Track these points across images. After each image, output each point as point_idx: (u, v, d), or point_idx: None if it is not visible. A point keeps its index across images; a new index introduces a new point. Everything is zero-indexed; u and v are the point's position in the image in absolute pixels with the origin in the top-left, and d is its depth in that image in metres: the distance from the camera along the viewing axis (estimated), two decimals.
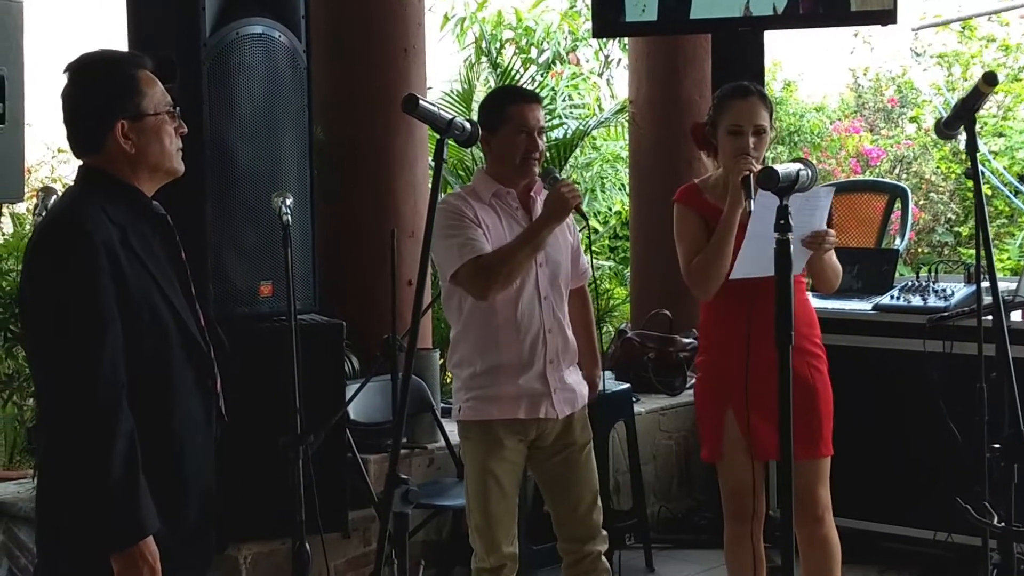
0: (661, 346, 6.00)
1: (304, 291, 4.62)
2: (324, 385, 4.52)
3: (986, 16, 10.12)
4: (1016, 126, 9.67)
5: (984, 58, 10.20)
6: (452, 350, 3.75)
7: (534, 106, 3.68)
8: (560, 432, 3.72)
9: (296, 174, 4.55)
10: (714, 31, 5.48)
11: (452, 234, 3.57)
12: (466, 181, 7.02)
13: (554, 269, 3.68)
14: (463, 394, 3.69)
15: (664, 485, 5.86)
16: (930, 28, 10.32)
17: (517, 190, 3.69)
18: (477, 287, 3.56)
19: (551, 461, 3.73)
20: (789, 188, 2.55)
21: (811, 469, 3.78)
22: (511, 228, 3.62)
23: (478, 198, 3.66)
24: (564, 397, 3.69)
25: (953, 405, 4.32)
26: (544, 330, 3.64)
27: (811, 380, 3.77)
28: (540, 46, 9.41)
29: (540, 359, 3.63)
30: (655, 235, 6.06)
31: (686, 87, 6.25)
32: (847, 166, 9.98)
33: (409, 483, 2.48)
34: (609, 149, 9.27)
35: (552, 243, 3.65)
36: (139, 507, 2.46)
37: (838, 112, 10.57)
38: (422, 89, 5.46)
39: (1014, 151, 9.43)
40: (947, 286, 5.11)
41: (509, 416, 3.63)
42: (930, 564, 4.98)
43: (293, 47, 4.49)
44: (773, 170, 2.55)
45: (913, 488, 4.88)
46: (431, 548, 5.09)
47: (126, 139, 2.58)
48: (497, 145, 3.65)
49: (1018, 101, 9.85)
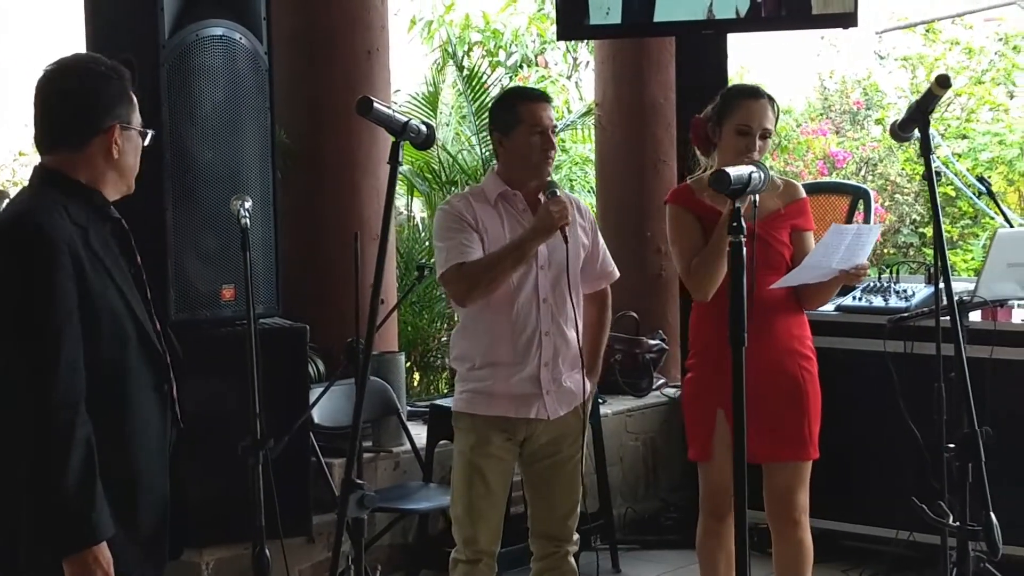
0: (628, 348, 6.02)
1: (267, 295, 4.60)
2: (287, 389, 4.51)
3: (950, 19, 10.19)
4: (979, 128, 9.74)
5: (948, 61, 10.27)
6: (453, 344, 3.80)
7: (545, 105, 3.69)
8: (552, 438, 3.72)
9: (258, 177, 4.53)
10: (678, 34, 5.50)
11: (447, 236, 3.63)
12: (432, 184, 7.03)
13: (557, 272, 3.66)
14: (460, 386, 3.74)
15: (631, 486, 5.87)
16: (895, 31, 10.38)
17: (525, 192, 3.68)
18: (457, 292, 3.63)
19: (539, 464, 3.74)
20: (741, 190, 2.56)
21: (794, 471, 3.82)
22: (513, 230, 3.61)
23: (483, 199, 3.67)
24: (558, 398, 3.69)
25: (914, 405, 4.34)
26: (540, 332, 3.64)
27: (802, 382, 3.81)
28: (508, 49, 9.41)
29: (534, 361, 3.63)
30: (621, 237, 6.08)
31: (651, 90, 6.27)
32: (814, 168, 10.03)
33: (365, 488, 2.47)
34: (578, 152, 9.29)
35: (557, 246, 3.63)
36: (94, 511, 2.45)
37: (805, 115, 10.62)
38: (386, 92, 5.45)
39: (977, 153, 9.50)
40: (908, 287, 5.15)
41: (499, 413, 3.64)
42: (893, 563, 5.00)
43: (254, 49, 4.47)
44: (725, 172, 2.56)
45: (875, 487, 4.91)
46: (397, 552, 5.08)
47: (115, 143, 2.61)
48: (511, 146, 3.66)
49: (981, 104, 9.93)
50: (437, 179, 6.87)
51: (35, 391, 2.43)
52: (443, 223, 3.66)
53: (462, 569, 3.70)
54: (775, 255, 3.78)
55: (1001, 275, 4.35)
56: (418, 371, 6.58)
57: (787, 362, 3.79)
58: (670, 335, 6.13)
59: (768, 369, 3.72)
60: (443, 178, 6.84)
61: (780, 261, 3.80)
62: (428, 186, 6.86)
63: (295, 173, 5.18)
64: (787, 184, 3.93)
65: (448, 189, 6.79)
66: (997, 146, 9.47)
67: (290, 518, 4.28)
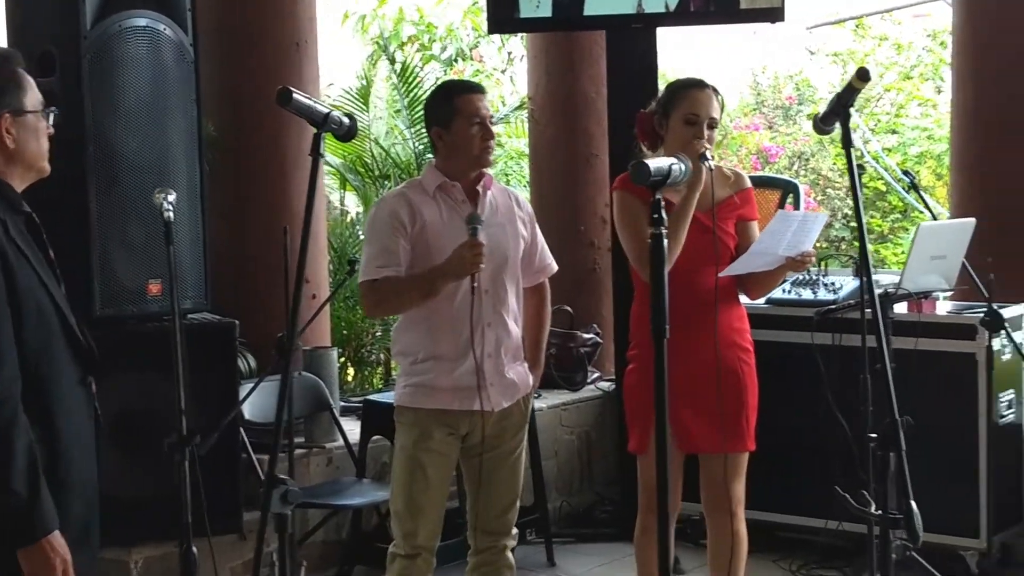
0: (562, 342, 6.01)
1: (195, 289, 4.56)
2: (217, 385, 4.47)
3: (879, 15, 10.31)
4: (908, 123, 9.87)
5: (878, 56, 10.39)
6: (395, 339, 3.78)
7: (481, 96, 3.69)
8: (494, 432, 3.70)
9: (185, 169, 4.49)
10: (608, 28, 5.51)
11: (372, 239, 3.63)
12: (365, 177, 7.00)
13: (499, 264, 3.65)
14: (402, 380, 3.72)
15: (566, 480, 5.88)
16: (825, 27, 10.49)
17: (464, 183, 3.67)
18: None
19: (481, 458, 3.71)
20: (661, 182, 2.56)
21: (731, 463, 3.85)
22: (452, 220, 3.60)
23: (422, 191, 3.66)
24: (501, 390, 3.68)
25: (843, 396, 4.39)
26: (483, 324, 3.63)
27: (741, 375, 3.84)
28: (443, 43, 9.38)
29: (477, 352, 3.61)
30: (555, 231, 6.07)
31: (583, 84, 6.27)
32: (747, 163, 10.11)
33: (288, 484, 2.44)
34: (513, 146, 9.29)
35: (499, 236, 3.64)
36: (41, 501, 2.44)
37: (738, 110, 10.69)
38: (315, 84, 5.41)
39: (906, 147, 9.63)
40: (837, 280, 5.21)
41: (442, 407, 3.62)
42: (823, 552, 5.06)
43: (179, 40, 4.44)
44: (644, 164, 2.56)
45: (807, 478, 4.95)
46: (331, 548, 5.05)
47: (7, 133, 2.55)
48: (451, 139, 3.64)
49: (910, 99, 10.05)
50: (370, 173, 6.84)
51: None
52: (374, 223, 3.66)
53: (400, 564, 3.68)
54: (721, 246, 3.81)
55: (925, 267, 4.41)
56: (352, 366, 6.54)
57: (727, 355, 3.82)
58: (604, 329, 6.14)
59: (707, 360, 3.75)
60: (376, 172, 6.81)
61: (725, 252, 3.83)
62: (361, 180, 6.82)
63: (224, 166, 5.13)
64: (735, 175, 3.97)
65: (381, 183, 6.76)
66: (926, 141, 9.61)
67: (221, 515, 4.26)
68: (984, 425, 4.78)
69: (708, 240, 3.73)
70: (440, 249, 3.58)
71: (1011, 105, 5.27)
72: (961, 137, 5.48)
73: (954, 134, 5.53)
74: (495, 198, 3.73)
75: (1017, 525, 5.09)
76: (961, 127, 5.47)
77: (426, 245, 3.61)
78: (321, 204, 5.63)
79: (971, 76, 5.39)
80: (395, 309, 3.68)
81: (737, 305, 3.91)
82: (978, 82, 5.35)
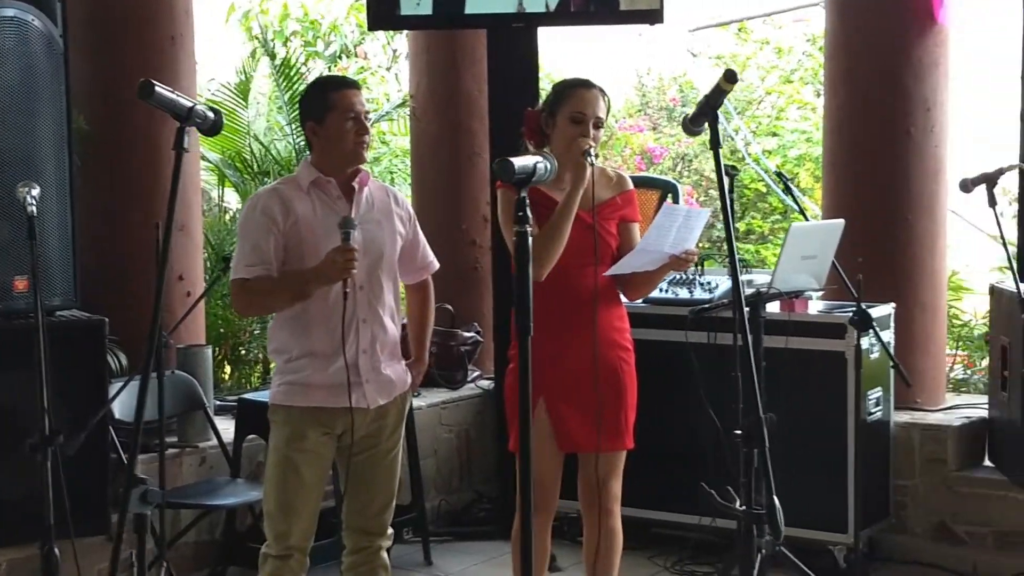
0: (442, 340, 6.01)
1: (64, 286, 4.48)
2: (85, 384, 4.39)
3: (760, 19, 10.49)
4: (788, 126, 10.05)
5: (759, 60, 10.56)
6: (271, 337, 3.73)
7: (356, 91, 3.66)
8: (369, 432, 3.67)
9: (54, 163, 4.41)
10: (489, 26, 5.52)
11: (244, 235, 3.59)
12: (243, 173, 6.91)
13: (374, 260, 3.63)
14: (277, 379, 3.68)
15: (445, 479, 5.88)
16: (708, 29, 10.64)
17: (340, 180, 3.64)
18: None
19: (356, 458, 3.68)
20: (526, 180, 2.57)
21: (610, 461, 3.89)
22: (327, 216, 3.57)
23: (297, 187, 3.62)
24: (377, 387, 3.66)
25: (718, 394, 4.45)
26: (357, 320, 3.60)
27: (621, 374, 3.88)
28: (327, 39, 9.30)
29: (351, 348, 3.58)
30: (437, 230, 6.05)
31: (466, 82, 6.28)
32: (632, 163, 10.21)
33: (148, 483, 2.40)
34: (398, 144, 9.24)
35: (375, 233, 3.63)
36: None
37: (623, 111, 10.79)
38: (191, 79, 5.32)
39: (786, 150, 9.80)
40: (713, 279, 5.29)
41: (317, 404, 3.58)
42: (696, 547, 5.14)
43: (49, 32, 4.35)
44: (509, 162, 2.57)
45: (681, 475, 5.02)
46: (205, 549, 4.98)
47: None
48: (325, 134, 3.61)
49: (790, 102, 10.23)
50: (249, 169, 6.75)
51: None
52: (246, 221, 3.63)
53: (272, 565, 3.64)
54: (603, 245, 3.84)
55: (796, 267, 4.49)
56: (230, 365, 6.45)
57: (608, 354, 3.85)
58: (485, 328, 6.15)
59: (587, 359, 3.77)
60: (255, 168, 6.73)
61: (607, 251, 3.86)
62: (240, 176, 6.73)
63: (96, 161, 5.03)
64: (618, 176, 4.00)
65: (260, 179, 6.68)
66: (805, 143, 9.78)
67: (89, 516, 4.18)
68: (852, 422, 4.90)
69: (590, 239, 3.76)
70: (313, 245, 3.56)
71: (880, 109, 5.41)
72: (832, 139, 5.60)
73: (826, 136, 5.66)
74: (372, 195, 3.71)
75: (884, 520, 5.23)
76: (832, 130, 5.59)
77: (299, 241, 3.57)
78: (197, 200, 5.53)
79: (842, 80, 5.51)
80: (266, 309, 3.65)
81: (618, 304, 3.95)
82: (849, 86, 5.48)
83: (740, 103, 10.51)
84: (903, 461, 5.28)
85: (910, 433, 5.28)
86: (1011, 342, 4.94)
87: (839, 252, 4.87)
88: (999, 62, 6.18)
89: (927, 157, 5.40)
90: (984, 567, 5.09)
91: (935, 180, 5.41)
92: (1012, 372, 4.91)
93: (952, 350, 6.80)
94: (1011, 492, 5.06)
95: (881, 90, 5.40)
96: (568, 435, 3.83)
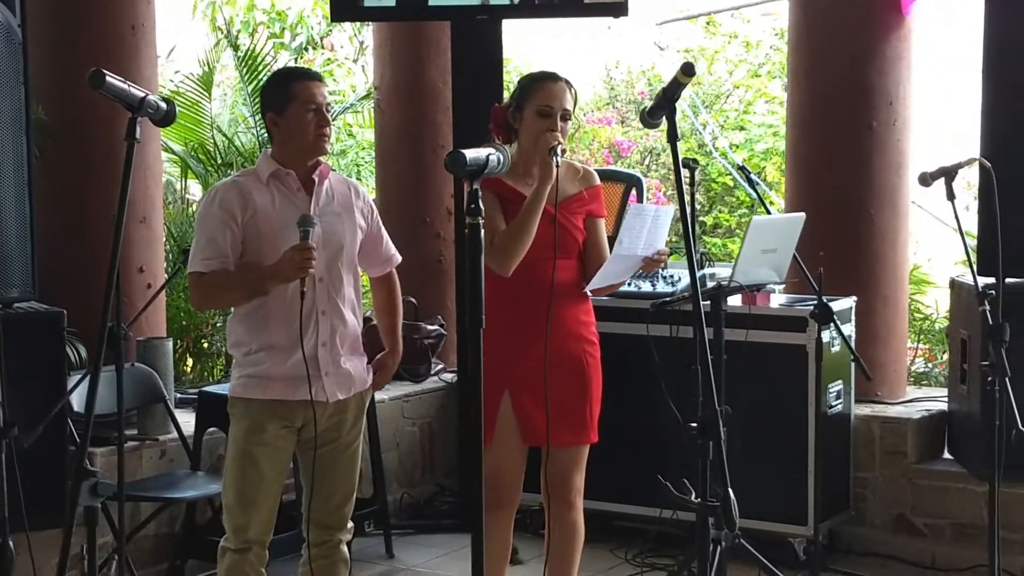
0: (407, 334, 5.90)
1: (22, 278, 4.44)
2: (43, 376, 4.35)
3: (728, 12, 10.51)
4: (755, 120, 10.08)
5: (727, 54, 10.59)
6: (230, 331, 3.71)
7: (317, 83, 3.65)
8: (329, 425, 3.66)
9: (12, 155, 4.37)
10: (452, 18, 5.51)
11: (201, 228, 3.58)
12: (207, 165, 6.87)
13: (333, 252, 3.62)
14: (236, 372, 3.67)
15: (407, 471, 5.87)
16: (676, 23, 10.66)
17: (300, 172, 3.63)
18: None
19: (317, 451, 3.66)
20: (478, 172, 2.57)
21: (573, 454, 3.91)
22: (285, 209, 3.56)
23: (256, 179, 3.61)
24: (337, 381, 3.64)
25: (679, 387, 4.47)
26: (316, 311, 3.59)
27: (586, 367, 3.89)
28: (294, 31, 9.26)
29: (311, 341, 3.57)
30: (401, 223, 6.05)
31: (431, 74, 6.26)
32: (600, 157, 10.21)
33: (99, 476, 2.39)
34: (365, 137, 9.22)
35: (335, 225, 3.62)
36: None
37: (591, 104, 10.79)
38: (152, 69, 5.28)
39: (753, 143, 9.83)
40: (676, 272, 5.30)
41: (276, 397, 3.57)
42: (658, 540, 5.15)
43: (7, 22, 4.31)
44: (460, 153, 2.56)
45: (643, 468, 5.02)
46: (164, 542, 4.96)
47: None
48: (286, 125, 3.60)
49: (758, 96, 10.26)
50: (212, 161, 6.72)
51: None
52: (203, 212, 3.62)
53: (230, 558, 3.62)
54: (569, 240, 3.84)
55: (756, 261, 4.50)
56: (192, 357, 6.42)
57: (572, 347, 3.85)
58: (448, 320, 6.14)
59: (553, 353, 3.77)
60: (219, 160, 6.69)
61: (573, 246, 3.86)
62: (203, 167, 6.70)
63: (55, 151, 4.98)
64: (585, 171, 3.99)
65: (223, 171, 6.65)
66: (772, 137, 9.81)
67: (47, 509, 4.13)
68: (813, 415, 4.92)
69: (558, 232, 3.75)
70: (271, 238, 3.54)
71: (843, 103, 5.43)
72: (795, 133, 5.62)
73: (789, 130, 5.67)
74: (332, 187, 3.70)
75: (844, 512, 5.26)
76: (795, 124, 5.61)
77: (257, 233, 3.56)
78: (158, 192, 5.50)
79: (805, 74, 5.53)
80: (223, 304, 3.64)
81: (583, 298, 3.95)
82: (812, 80, 5.50)
83: (708, 97, 10.54)
84: (863, 453, 5.31)
85: (870, 426, 5.31)
86: (970, 335, 4.98)
87: (801, 245, 4.89)
88: (962, 54, 6.22)
89: (889, 151, 5.43)
90: (942, 559, 5.13)
91: (897, 174, 5.44)
92: (971, 365, 4.95)
93: (914, 343, 6.84)
94: (969, 484, 5.10)
95: (844, 84, 5.42)
96: (533, 428, 3.83)
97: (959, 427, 5.28)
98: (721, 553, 4.15)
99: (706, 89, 10.57)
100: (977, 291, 3.90)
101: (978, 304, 3.88)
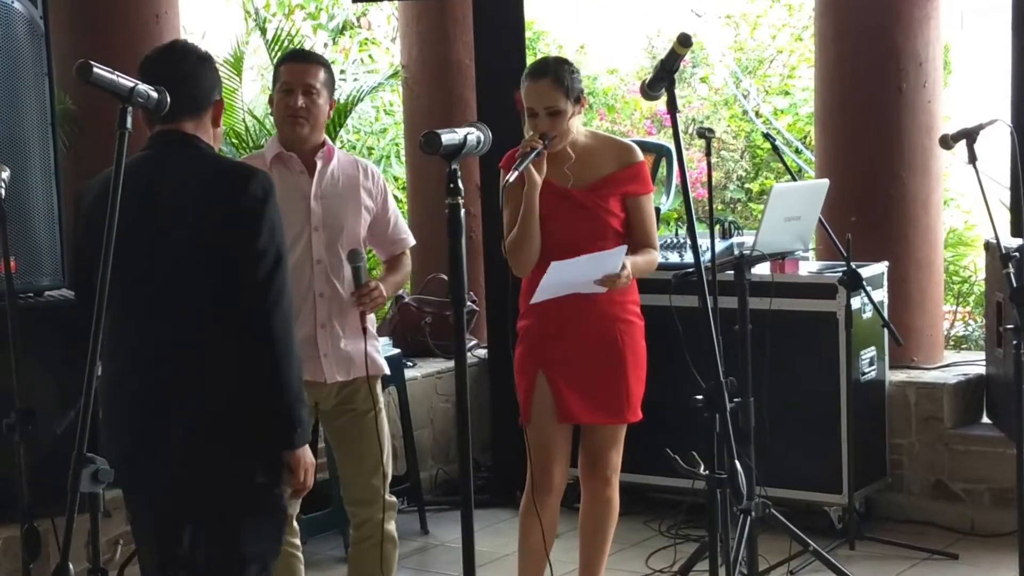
0: (438, 310, 6.02)
1: (52, 266, 4.53)
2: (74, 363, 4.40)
3: None
4: (800, 84, 9.96)
5: (770, 18, 10.46)
6: None
7: (301, 64, 3.68)
8: (341, 399, 3.73)
9: (38, 145, 4.45)
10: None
11: None
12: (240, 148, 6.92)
13: (332, 234, 3.66)
14: None
15: (441, 448, 5.90)
16: None
17: (302, 154, 3.66)
18: None
19: (337, 422, 3.77)
20: (455, 153, 2.57)
21: (610, 433, 3.93)
22: (289, 192, 3.58)
23: (262, 162, 3.65)
24: (336, 363, 3.68)
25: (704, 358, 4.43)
26: (315, 294, 3.62)
27: (621, 346, 3.87)
28: (329, 12, 9.29)
29: (309, 323, 3.61)
30: (431, 200, 6.06)
31: (457, 50, 6.25)
32: (642, 128, 10.16)
33: (99, 462, 2.42)
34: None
35: (336, 207, 3.66)
36: None
37: (633, 74, 10.72)
38: None
39: (797, 108, 9.72)
40: (703, 243, 5.24)
41: None
42: (691, 511, 5.13)
43: (30, 15, 4.38)
44: (436, 134, 2.56)
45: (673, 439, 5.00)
46: None
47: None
48: (274, 108, 3.70)
49: (802, 60, 10.14)
50: (244, 144, 6.77)
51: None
52: None
53: None
54: (600, 224, 3.82)
55: (779, 229, 4.46)
56: None
57: (605, 327, 3.84)
58: (480, 297, 6.15)
59: (587, 333, 3.79)
60: (251, 143, 6.74)
61: (606, 229, 3.82)
62: (235, 151, 6.75)
63: (83, 140, 5.05)
64: (621, 147, 3.93)
65: None
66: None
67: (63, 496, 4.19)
68: (845, 382, 4.88)
69: (587, 217, 3.77)
70: None
71: (871, 65, 5.34)
72: (823, 98, 5.54)
73: (817, 95, 5.60)
74: (338, 168, 3.72)
75: (880, 480, 5.22)
76: (823, 88, 5.54)
77: None
78: None
79: (833, 37, 5.45)
80: None
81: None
82: (840, 42, 5.42)
83: (751, 62, 10.43)
84: (899, 420, 5.25)
85: (905, 392, 5.25)
86: (1005, 298, 4.89)
87: (832, 211, 4.85)
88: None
89: (919, 113, 5.34)
90: (981, 524, 5.07)
91: (928, 136, 5.35)
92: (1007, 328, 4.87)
93: (953, 306, 6.74)
94: (1008, 449, 4.99)
95: (872, 47, 5.34)
96: (566, 408, 3.84)
97: (997, 391, 5.20)
98: (751, 523, 4.15)
99: (749, 55, 10.46)
100: (1000, 253, 3.85)
101: (1002, 266, 3.83)
